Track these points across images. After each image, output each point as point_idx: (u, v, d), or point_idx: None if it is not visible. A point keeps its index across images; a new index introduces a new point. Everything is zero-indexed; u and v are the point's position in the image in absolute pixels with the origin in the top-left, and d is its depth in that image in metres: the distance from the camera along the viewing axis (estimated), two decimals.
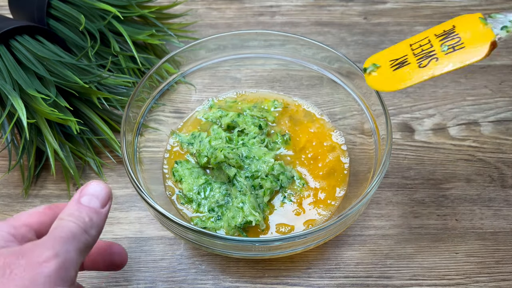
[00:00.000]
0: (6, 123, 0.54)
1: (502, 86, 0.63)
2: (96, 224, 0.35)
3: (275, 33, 0.56)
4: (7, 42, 0.55)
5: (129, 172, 0.46)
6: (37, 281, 0.30)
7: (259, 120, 0.55)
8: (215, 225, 0.49)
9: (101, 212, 0.36)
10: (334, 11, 0.71)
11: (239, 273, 0.50)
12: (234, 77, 0.60)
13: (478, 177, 0.56)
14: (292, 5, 0.72)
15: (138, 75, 0.60)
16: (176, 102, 0.57)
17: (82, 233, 0.33)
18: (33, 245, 0.32)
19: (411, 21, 0.70)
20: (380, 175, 0.45)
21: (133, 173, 0.46)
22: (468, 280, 0.49)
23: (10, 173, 0.56)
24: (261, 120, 0.55)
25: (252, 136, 0.54)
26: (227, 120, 0.55)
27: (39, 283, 0.30)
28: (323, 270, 0.50)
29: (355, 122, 0.55)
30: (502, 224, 0.52)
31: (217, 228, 0.49)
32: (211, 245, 0.45)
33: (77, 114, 0.56)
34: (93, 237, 0.35)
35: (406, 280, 0.49)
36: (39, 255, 0.31)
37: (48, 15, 0.59)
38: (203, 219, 0.49)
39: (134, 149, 0.51)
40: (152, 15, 0.61)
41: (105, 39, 0.59)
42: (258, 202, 0.50)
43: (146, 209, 0.53)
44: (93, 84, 0.55)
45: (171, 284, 0.49)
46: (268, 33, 0.56)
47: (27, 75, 0.53)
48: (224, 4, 0.72)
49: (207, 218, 0.49)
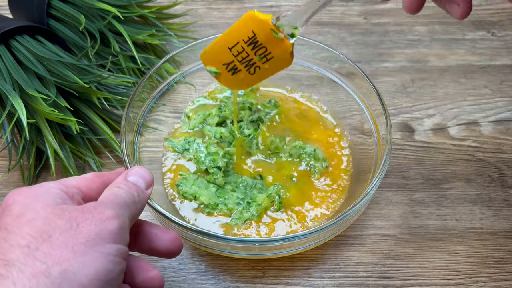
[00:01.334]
0: (6, 123, 0.54)
1: (502, 86, 0.63)
2: (140, 202, 0.37)
3: None
4: (7, 42, 0.55)
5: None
6: (102, 235, 0.32)
7: (244, 104, 0.56)
8: (250, 214, 0.49)
9: (145, 192, 0.38)
10: (334, 11, 0.71)
11: (239, 273, 0.50)
12: None
13: (478, 177, 0.56)
14: (292, 5, 0.72)
15: (138, 75, 0.60)
16: (176, 102, 0.57)
17: (132, 203, 0.36)
18: (95, 204, 0.34)
19: (411, 21, 0.70)
20: (380, 175, 0.45)
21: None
22: (468, 280, 0.49)
23: (10, 173, 0.56)
24: (247, 103, 0.56)
25: (248, 120, 0.55)
26: (215, 120, 0.56)
27: (105, 237, 0.32)
28: (323, 270, 0.50)
29: (355, 122, 0.55)
30: (502, 224, 0.52)
31: (253, 215, 0.50)
32: (211, 245, 0.45)
33: (77, 114, 0.56)
34: (138, 211, 0.37)
35: (406, 280, 0.49)
36: (102, 213, 0.33)
37: (48, 15, 0.59)
38: (237, 216, 0.50)
39: (134, 149, 0.51)
40: (152, 15, 0.61)
41: (105, 39, 0.59)
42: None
43: (146, 209, 0.53)
44: (93, 84, 0.55)
45: (171, 284, 0.49)
46: None
47: (27, 75, 0.53)
48: (224, 4, 0.72)
49: (241, 213, 0.50)
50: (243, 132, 0.54)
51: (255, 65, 0.47)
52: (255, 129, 0.54)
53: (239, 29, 0.47)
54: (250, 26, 0.46)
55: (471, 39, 0.68)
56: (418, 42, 0.67)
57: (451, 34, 0.68)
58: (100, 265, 0.32)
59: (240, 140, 0.54)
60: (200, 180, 0.52)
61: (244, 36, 0.46)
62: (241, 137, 0.54)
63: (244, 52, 0.47)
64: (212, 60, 0.49)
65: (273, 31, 0.45)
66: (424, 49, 0.67)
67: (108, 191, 0.36)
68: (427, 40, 0.68)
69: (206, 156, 0.52)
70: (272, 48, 0.46)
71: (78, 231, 0.32)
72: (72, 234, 0.32)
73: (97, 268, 0.31)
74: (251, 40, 0.46)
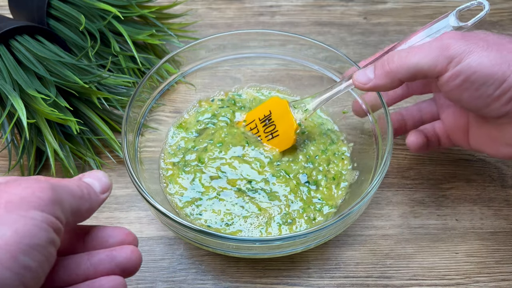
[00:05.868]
0: (6, 123, 0.54)
1: None
2: (90, 201, 0.35)
3: (275, 32, 0.56)
4: (7, 42, 0.55)
5: (130, 172, 0.46)
6: (28, 199, 0.30)
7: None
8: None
9: (99, 196, 0.36)
10: (334, 11, 0.71)
11: (239, 273, 0.50)
12: (234, 77, 0.59)
13: (478, 177, 0.56)
14: (292, 5, 0.72)
15: (138, 75, 0.60)
16: (176, 102, 0.57)
17: (78, 197, 0.34)
18: (32, 178, 0.32)
19: (411, 21, 0.70)
20: (381, 175, 0.45)
21: (134, 172, 0.46)
22: (468, 280, 0.49)
23: (10, 173, 0.56)
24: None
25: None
26: (225, 117, 0.56)
27: (30, 202, 0.30)
28: (323, 270, 0.50)
29: (355, 122, 0.55)
30: (502, 224, 0.52)
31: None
32: (211, 244, 0.45)
33: (77, 114, 0.56)
34: (86, 209, 0.35)
35: (406, 280, 0.49)
36: (36, 183, 0.31)
37: (48, 15, 0.59)
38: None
39: (135, 149, 0.51)
40: (152, 15, 0.61)
41: (105, 39, 0.59)
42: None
43: (146, 209, 0.53)
44: (93, 84, 0.55)
45: (171, 284, 0.49)
46: (268, 32, 0.56)
47: (27, 75, 0.53)
48: (224, 4, 0.72)
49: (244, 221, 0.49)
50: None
51: (261, 141, 0.54)
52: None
53: (259, 110, 0.55)
54: (269, 107, 0.54)
55: None
56: None
57: None
58: (21, 227, 0.29)
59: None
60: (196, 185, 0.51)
61: (261, 115, 0.54)
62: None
63: (256, 129, 0.55)
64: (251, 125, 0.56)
65: (289, 107, 0.52)
66: None
67: (56, 181, 0.34)
68: None
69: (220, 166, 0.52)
70: (280, 126, 0.53)
71: (1, 193, 0.30)
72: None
73: (17, 229, 0.29)
74: (266, 118, 0.54)
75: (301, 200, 0.50)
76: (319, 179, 0.52)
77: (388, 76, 0.43)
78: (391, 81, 0.43)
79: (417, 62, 0.41)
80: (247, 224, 0.49)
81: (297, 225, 0.49)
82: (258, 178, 0.52)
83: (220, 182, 0.51)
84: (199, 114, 0.57)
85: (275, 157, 0.53)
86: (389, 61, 0.43)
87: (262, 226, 0.49)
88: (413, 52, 0.42)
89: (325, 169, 0.53)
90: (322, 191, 0.51)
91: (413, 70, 0.41)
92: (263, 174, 0.52)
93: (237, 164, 0.52)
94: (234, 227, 0.49)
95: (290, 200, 0.50)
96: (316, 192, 0.51)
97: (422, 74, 0.42)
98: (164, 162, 0.54)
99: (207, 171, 0.52)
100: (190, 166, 0.52)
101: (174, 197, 0.51)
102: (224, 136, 0.54)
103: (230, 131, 0.54)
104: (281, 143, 0.53)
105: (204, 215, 0.49)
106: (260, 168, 0.52)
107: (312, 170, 0.52)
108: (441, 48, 0.40)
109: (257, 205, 0.50)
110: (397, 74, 0.42)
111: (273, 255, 0.46)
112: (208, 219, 0.49)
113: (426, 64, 0.41)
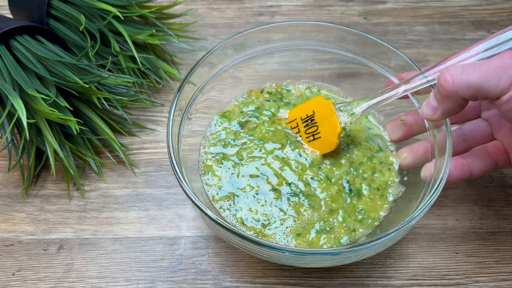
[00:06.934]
0: (6, 123, 0.54)
1: None
2: None
3: (332, 26, 0.53)
4: (7, 42, 0.55)
5: (176, 172, 0.44)
6: None
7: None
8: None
9: None
10: (334, 11, 0.71)
11: (239, 273, 0.50)
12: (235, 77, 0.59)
13: (478, 177, 0.55)
14: (292, 5, 0.72)
15: (138, 75, 0.60)
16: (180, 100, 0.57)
17: None
18: None
19: (411, 21, 0.70)
20: (432, 199, 0.42)
21: (180, 172, 0.44)
22: (468, 280, 0.49)
23: (10, 173, 0.56)
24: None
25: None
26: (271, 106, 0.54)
27: None
28: (323, 270, 0.50)
29: None
30: (502, 224, 0.52)
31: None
32: (264, 254, 0.43)
33: (77, 114, 0.56)
34: None
35: (406, 280, 0.49)
36: None
37: (48, 15, 0.59)
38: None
39: (179, 140, 0.49)
40: (152, 15, 0.61)
41: (105, 39, 0.59)
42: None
43: (146, 209, 0.53)
44: (93, 84, 0.55)
45: (171, 284, 0.49)
46: (325, 25, 0.53)
47: (27, 75, 0.53)
48: (224, 4, 0.72)
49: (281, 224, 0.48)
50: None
51: (301, 142, 0.52)
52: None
53: (301, 109, 0.52)
54: (312, 107, 0.51)
55: (471, 39, 0.68)
56: (418, 42, 0.67)
57: (451, 34, 0.68)
58: None
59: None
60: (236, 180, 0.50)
61: (303, 114, 0.52)
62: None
63: (297, 129, 0.52)
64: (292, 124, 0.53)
65: (334, 109, 0.49)
66: (424, 49, 0.67)
67: None
68: (427, 40, 0.68)
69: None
70: (323, 128, 0.50)
71: None
72: None
73: None
74: (309, 118, 0.51)
75: (342, 208, 0.48)
76: (363, 188, 0.49)
77: (451, 98, 0.41)
78: (456, 102, 0.41)
79: (476, 80, 0.39)
80: (283, 227, 0.47)
81: (336, 234, 0.47)
82: (298, 181, 0.49)
83: (259, 181, 0.49)
84: (244, 105, 0.55)
85: (316, 160, 0.51)
86: (442, 84, 0.41)
87: (298, 231, 0.47)
88: (470, 70, 0.40)
89: (370, 177, 0.50)
90: (365, 201, 0.49)
91: (473, 89, 0.39)
92: (303, 177, 0.50)
93: (277, 164, 0.50)
94: (270, 229, 0.47)
95: (330, 206, 0.48)
96: (358, 202, 0.49)
97: (483, 93, 0.39)
98: (204, 150, 0.52)
99: (246, 168, 0.50)
100: (229, 160, 0.51)
101: (211, 188, 0.49)
102: (265, 132, 0.52)
103: (271, 128, 0.53)
104: (323, 146, 0.51)
105: (240, 212, 0.48)
106: (301, 170, 0.50)
107: (356, 177, 0.50)
108: (503, 67, 0.39)
109: (296, 209, 0.48)
110: (457, 92, 0.40)
111: (314, 266, 0.45)
112: (244, 217, 0.48)
113: (487, 83, 0.39)
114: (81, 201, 0.54)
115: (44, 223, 0.53)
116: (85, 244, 0.51)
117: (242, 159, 0.51)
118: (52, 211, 0.53)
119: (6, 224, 0.53)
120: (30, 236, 0.52)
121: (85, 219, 0.53)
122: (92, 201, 0.54)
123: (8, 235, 0.52)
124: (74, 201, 0.54)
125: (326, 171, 0.50)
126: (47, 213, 0.53)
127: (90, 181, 0.56)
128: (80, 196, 0.54)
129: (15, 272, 0.50)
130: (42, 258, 0.50)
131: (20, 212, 0.53)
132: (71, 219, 0.53)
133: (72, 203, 0.54)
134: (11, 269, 0.50)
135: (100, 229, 0.52)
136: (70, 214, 0.53)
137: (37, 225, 0.53)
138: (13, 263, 0.50)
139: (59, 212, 0.53)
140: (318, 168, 0.50)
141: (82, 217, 0.53)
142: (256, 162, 0.50)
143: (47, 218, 0.53)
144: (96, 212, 0.53)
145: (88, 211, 0.53)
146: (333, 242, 0.47)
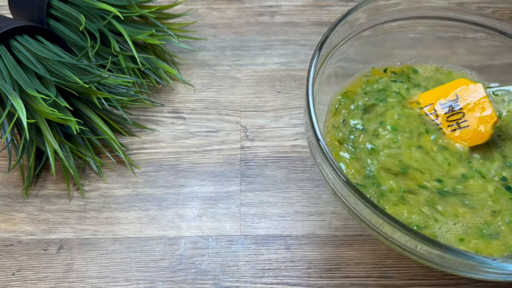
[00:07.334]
0: (6, 123, 0.54)
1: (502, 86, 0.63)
2: None
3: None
4: (7, 42, 0.55)
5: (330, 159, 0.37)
6: None
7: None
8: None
9: None
10: (334, 11, 0.71)
11: (239, 273, 0.50)
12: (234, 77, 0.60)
13: None
14: (292, 5, 0.72)
15: (138, 75, 0.60)
16: (175, 102, 0.57)
17: None
18: None
19: None
20: None
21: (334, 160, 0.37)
22: (468, 280, 0.49)
23: (10, 173, 0.56)
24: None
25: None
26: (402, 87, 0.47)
27: None
28: (323, 270, 0.50)
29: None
30: None
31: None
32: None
33: (77, 114, 0.56)
34: None
35: (406, 280, 0.49)
36: None
37: (48, 15, 0.59)
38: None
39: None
40: (152, 15, 0.61)
41: (105, 39, 0.59)
42: None
43: (146, 209, 0.53)
44: (93, 84, 0.55)
45: (171, 284, 0.49)
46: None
47: (27, 75, 0.53)
48: (224, 4, 0.72)
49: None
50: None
51: (441, 131, 0.45)
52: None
53: (442, 90, 0.46)
54: (455, 89, 0.45)
55: (471, 38, 0.67)
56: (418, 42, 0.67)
57: (451, 33, 0.68)
58: None
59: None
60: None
61: (442, 98, 0.45)
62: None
63: (435, 115, 0.46)
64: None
65: (486, 94, 0.43)
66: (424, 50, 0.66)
67: None
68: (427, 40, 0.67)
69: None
70: (471, 116, 0.44)
71: None
72: None
73: None
74: (451, 102, 0.45)
75: (507, 210, 0.41)
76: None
77: None
78: None
79: None
80: (442, 231, 0.40)
81: (506, 241, 0.40)
82: (448, 177, 0.43)
83: (401, 177, 0.42)
84: (368, 84, 0.48)
85: (464, 153, 0.44)
86: None
87: (461, 236, 0.40)
88: None
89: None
90: None
91: None
92: (452, 173, 0.43)
93: (420, 156, 0.43)
94: (427, 232, 0.40)
95: (492, 207, 0.41)
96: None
97: None
98: (328, 134, 0.45)
99: (381, 160, 0.43)
100: (360, 149, 0.44)
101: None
102: (398, 118, 0.45)
103: (403, 112, 0.45)
104: (472, 136, 0.44)
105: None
106: (449, 165, 0.43)
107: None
108: None
109: (455, 209, 0.41)
110: None
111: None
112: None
113: None
114: (81, 201, 0.54)
115: (44, 223, 0.53)
116: (85, 244, 0.51)
117: (376, 151, 0.43)
118: (52, 211, 0.53)
119: (6, 224, 0.53)
120: (30, 236, 0.52)
121: (85, 219, 0.53)
122: (92, 201, 0.54)
123: (8, 235, 0.52)
124: (74, 201, 0.54)
125: (479, 166, 0.43)
126: (47, 213, 0.53)
127: (90, 181, 0.56)
128: (80, 196, 0.54)
129: (15, 272, 0.50)
130: (42, 258, 0.50)
131: (20, 212, 0.53)
132: (71, 219, 0.53)
133: (72, 203, 0.54)
134: (11, 269, 0.50)
135: (100, 229, 0.52)
136: (70, 214, 0.53)
137: (37, 225, 0.53)
138: (13, 263, 0.50)
139: (59, 212, 0.53)
140: (468, 162, 0.44)
141: (82, 217, 0.53)
142: (393, 154, 0.43)
143: (47, 218, 0.53)
144: (96, 212, 0.53)
145: (88, 211, 0.53)
146: (503, 249, 0.40)
